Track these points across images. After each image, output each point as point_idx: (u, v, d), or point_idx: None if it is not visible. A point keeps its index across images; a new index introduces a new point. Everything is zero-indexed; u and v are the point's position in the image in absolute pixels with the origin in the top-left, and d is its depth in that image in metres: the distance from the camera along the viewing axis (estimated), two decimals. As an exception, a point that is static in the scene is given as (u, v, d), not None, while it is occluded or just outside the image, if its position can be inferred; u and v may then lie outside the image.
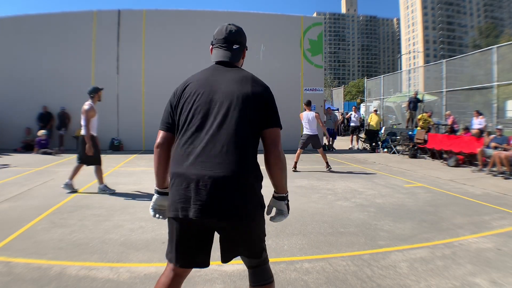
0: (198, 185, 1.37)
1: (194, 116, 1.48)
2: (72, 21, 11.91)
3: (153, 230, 3.52)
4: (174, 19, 12.38)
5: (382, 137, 12.92)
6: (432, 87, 13.73)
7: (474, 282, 2.44)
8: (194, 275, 2.52)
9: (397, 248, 3.10)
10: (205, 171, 1.38)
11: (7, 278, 2.42)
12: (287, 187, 1.59)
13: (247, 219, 1.45)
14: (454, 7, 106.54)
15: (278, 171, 1.50)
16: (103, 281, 2.41)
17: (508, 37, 42.07)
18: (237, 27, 1.70)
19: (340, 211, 4.37)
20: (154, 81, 12.03)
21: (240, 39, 1.69)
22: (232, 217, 1.41)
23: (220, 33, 1.66)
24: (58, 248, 2.99)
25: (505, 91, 9.99)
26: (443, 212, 4.36)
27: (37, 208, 4.26)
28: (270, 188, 1.65)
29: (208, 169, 1.37)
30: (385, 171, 7.77)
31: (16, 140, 11.19)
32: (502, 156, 7.07)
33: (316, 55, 12.98)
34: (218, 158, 1.38)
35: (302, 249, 3.08)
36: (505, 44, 10.66)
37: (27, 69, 11.62)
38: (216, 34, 1.69)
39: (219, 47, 1.67)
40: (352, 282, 2.44)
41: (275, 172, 1.51)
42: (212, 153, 1.39)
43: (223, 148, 1.39)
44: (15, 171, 7.00)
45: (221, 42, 1.66)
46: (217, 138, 1.41)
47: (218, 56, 1.66)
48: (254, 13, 13.09)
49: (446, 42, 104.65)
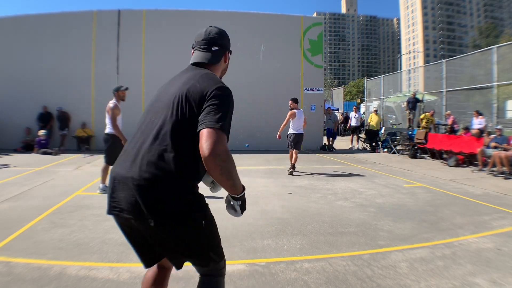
0: (114, 183, 1.37)
1: (141, 118, 1.49)
2: (72, 21, 11.91)
3: (153, 230, 3.52)
4: (174, 19, 12.38)
5: (382, 137, 12.92)
6: (432, 87, 13.72)
7: (474, 282, 2.44)
8: (194, 275, 2.52)
9: (397, 248, 3.10)
10: (122, 170, 1.36)
11: (7, 278, 2.42)
12: (239, 188, 1.46)
13: (167, 220, 1.32)
14: (454, 7, 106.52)
15: (217, 176, 1.33)
16: (103, 281, 2.41)
17: (508, 37, 42.06)
18: (219, 29, 1.66)
19: (340, 211, 4.37)
20: (154, 81, 11.99)
21: (221, 41, 1.65)
22: (141, 216, 1.30)
23: (200, 35, 1.63)
24: (58, 248, 2.99)
25: (505, 91, 9.99)
26: (443, 212, 4.36)
27: (37, 208, 4.25)
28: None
29: (124, 169, 1.35)
30: (385, 171, 7.77)
31: (16, 140, 11.19)
32: (502, 156, 7.07)
33: (316, 55, 12.98)
34: (134, 157, 1.35)
35: (302, 249, 3.08)
36: (505, 44, 10.66)
37: (27, 69, 11.61)
38: (196, 37, 1.64)
39: (197, 49, 1.62)
40: (352, 282, 2.44)
41: (214, 178, 1.36)
42: (132, 153, 1.37)
43: (143, 148, 1.35)
44: (15, 171, 7.00)
45: (200, 44, 1.62)
46: (143, 139, 1.38)
47: (194, 57, 1.61)
48: (254, 13, 13.09)
49: (446, 42, 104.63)
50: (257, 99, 12.43)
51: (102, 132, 13.00)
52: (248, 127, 12.40)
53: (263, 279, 2.47)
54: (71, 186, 5.60)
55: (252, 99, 12.39)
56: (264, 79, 12.51)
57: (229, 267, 2.66)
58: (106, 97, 11.92)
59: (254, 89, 12.45)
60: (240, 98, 13.61)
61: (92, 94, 11.89)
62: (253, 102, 12.38)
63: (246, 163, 8.90)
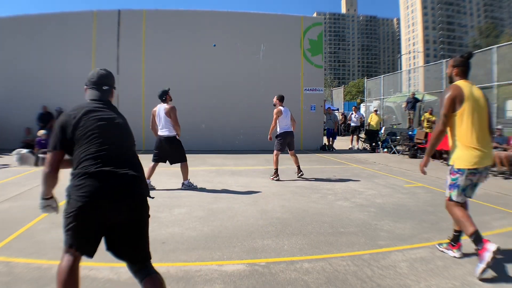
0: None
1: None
2: (72, 21, 11.91)
3: (153, 230, 3.51)
4: (174, 19, 12.38)
5: (382, 137, 12.92)
6: (432, 87, 13.73)
7: (474, 282, 2.45)
8: (194, 275, 2.52)
9: (397, 248, 3.11)
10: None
11: (7, 278, 2.42)
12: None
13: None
14: (454, 7, 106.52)
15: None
16: (103, 281, 2.41)
17: (508, 37, 42.09)
18: (107, 71, 2.05)
19: (340, 211, 4.37)
20: (154, 81, 12.02)
21: (110, 82, 2.04)
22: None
23: (92, 76, 2.01)
24: (58, 248, 2.97)
25: (505, 91, 9.99)
26: (443, 212, 4.34)
27: (37, 208, 4.22)
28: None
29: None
30: (385, 171, 7.77)
31: (16, 140, 11.17)
32: (502, 156, 7.07)
33: (316, 55, 12.98)
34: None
35: (302, 249, 3.08)
36: (505, 44, 10.65)
37: (27, 69, 11.62)
38: (89, 77, 2.01)
39: (91, 88, 2.00)
40: (352, 282, 2.44)
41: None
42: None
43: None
44: (15, 171, 7.00)
45: (93, 84, 2.00)
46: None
47: (91, 95, 2.00)
48: (254, 13, 13.09)
49: (446, 42, 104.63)
50: (257, 99, 12.42)
51: (102, 132, 12.62)
52: (248, 127, 12.41)
53: (263, 279, 2.47)
54: (71, 186, 5.59)
55: (252, 99, 12.40)
56: (264, 79, 12.51)
57: (229, 267, 2.67)
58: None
59: (254, 89, 12.45)
60: (240, 98, 13.67)
61: (92, 94, 11.89)
62: (253, 102, 12.38)
63: (246, 163, 8.91)
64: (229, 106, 12.09)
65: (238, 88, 12.33)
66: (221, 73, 12.15)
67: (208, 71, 11.95)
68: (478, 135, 2.72)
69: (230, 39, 12.40)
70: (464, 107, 2.75)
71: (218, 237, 3.35)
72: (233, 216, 4.04)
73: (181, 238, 3.31)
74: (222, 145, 11.88)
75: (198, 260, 2.80)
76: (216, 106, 12.07)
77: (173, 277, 2.48)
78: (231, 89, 12.18)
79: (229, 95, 12.04)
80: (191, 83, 11.88)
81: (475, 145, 2.71)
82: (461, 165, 2.76)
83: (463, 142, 2.76)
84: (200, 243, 3.17)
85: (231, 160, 9.36)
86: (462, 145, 2.77)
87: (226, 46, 12.38)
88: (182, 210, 4.29)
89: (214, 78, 11.66)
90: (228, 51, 12.40)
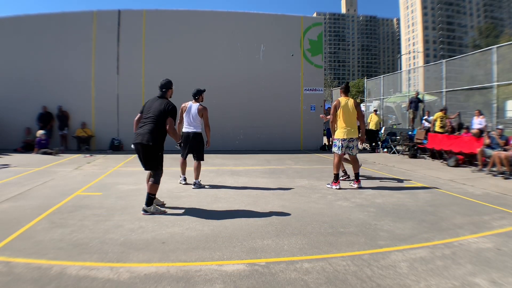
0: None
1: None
2: (72, 21, 11.92)
3: (153, 230, 3.52)
4: (174, 19, 12.38)
5: (382, 137, 12.92)
6: (432, 87, 13.71)
7: (474, 282, 2.45)
8: (194, 275, 2.53)
9: (397, 248, 3.11)
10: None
11: (7, 278, 2.42)
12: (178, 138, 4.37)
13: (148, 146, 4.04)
14: (454, 7, 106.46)
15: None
16: (103, 281, 2.41)
17: (508, 37, 42.08)
18: (166, 80, 4.43)
19: (340, 211, 4.38)
20: (154, 81, 11.97)
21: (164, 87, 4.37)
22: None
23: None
24: (58, 248, 2.99)
25: (505, 91, 9.97)
26: (443, 212, 4.36)
27: (37, 208, 4.26)
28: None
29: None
30: (385, 171, 7.77)
31: (16, 140, 11.19)
32: (502, 156, 7.07)
33: (316, 55, 12.99)
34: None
35: (302, 249, 3.08)
36: (505, 44, 10.63)
37: (27, 69, 11.62)
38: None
39: (159, 89, 4.34)
40: (352, 282, 2.44)
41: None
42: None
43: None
44: (15, 171, 7.00)
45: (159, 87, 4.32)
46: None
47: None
48: (254, 13, 13.09)
49: (446, 42, 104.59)
50: (256, 99, 12.44)
51: (102, 132, 13.01)
52: (248, 127, 12.41)
53: (263, 279, 2.47)
54: (71, 186, 5.60)
55: (252, 99, 12.40)
56: (264, 79, 12.51)
57: (229, 267, 2.67)
58: (106, 97, 12.06)
59: (254, 89, 12.45)
60: (240, 98, 13.65)
61: (92, 94, 11.90)
62: (252, 102, 12.39)
63: (246, 163, 8.91)
64: (229, 106, 12.09)
65: (238, 88, 12.32)
66: (221, 73, 12.15)
67: (208, 71, 11.94)
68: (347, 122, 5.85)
69: (230, 39, 12.40)
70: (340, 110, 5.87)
71: (218, 237, 3.35)
72: (233, 216, 4.04)
73: (181, 238, 3.31)
74: (222, 145, 11.88)
75: (198, 260, 2.81)
76: (216, 106, 12.02)
77: (173, 277, 2.48)
78: (231, 89, 12.17)
79: (229, 95, 12.03)
80: (191, 83, 11.83)
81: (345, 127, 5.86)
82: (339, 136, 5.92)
83: (340, 126, 5.90)
84: (200, 243, 3.17)
85: (231, 160, 9.36)
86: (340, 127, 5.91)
87: (226, 46, 12.38)
88: (182, 210, 4.29)
89: (214, 78, 11.64)
90: (228, 51, 12.40)
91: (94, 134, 11.85)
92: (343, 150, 5.89)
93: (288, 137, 12.62)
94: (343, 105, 5.83)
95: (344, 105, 5.83)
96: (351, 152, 5.97)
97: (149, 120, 4.10)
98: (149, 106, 4.23)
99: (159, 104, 4.15)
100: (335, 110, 5.89)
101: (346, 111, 5.82)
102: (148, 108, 4.21)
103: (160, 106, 4.12)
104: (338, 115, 5.86)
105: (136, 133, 4.13)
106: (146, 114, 4.18)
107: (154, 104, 4.22)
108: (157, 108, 4.12)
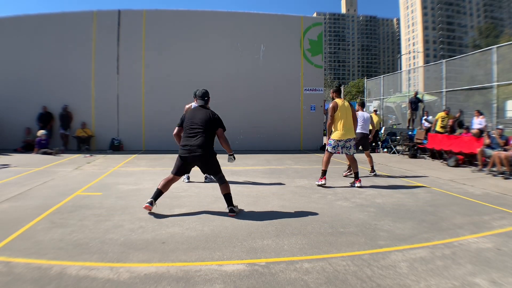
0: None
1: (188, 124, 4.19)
2: (72, 21, 11.92)
3: (153, 230, 3.52)
4: (174, 19, 12.39)
5: (382, 137, 12.92)
6: (432, 87, 13.72)
7: (474, 282, 2.45)
8: (194, 275, 2.53)
9: (397, 248, 3.11)
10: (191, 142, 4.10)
11: (7, 278, 2.42)
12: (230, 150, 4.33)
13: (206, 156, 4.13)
14: (454, 7, 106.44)
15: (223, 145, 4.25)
16: (103, 281, 2.41)
17: (508, 37, 42.08)
18: (204, 90, 4.43)
19: (340, 211, 4.38)
20: (154, 81, 12.04)
21: (206, 96, 4.42)
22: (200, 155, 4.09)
23: (198, 93, 4.39)
24: (58, 248, 2.99)
25: (505, 91, 9.98)
26: (443, 212, 4.36)
27: (37, 208, 4.26)
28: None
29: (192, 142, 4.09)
30: (385, 171, 7.77)
31: (16, 140, 11.19)
32: (502, 156, 7.07)
33: (316, 55, 12.99)
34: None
35: (302, 249, 3.08)
36: (505, 44, 10.64)
37: (27, 69, 11.63)
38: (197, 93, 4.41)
39: (198, 98, 4.43)
40: (352, 282, 2.45)
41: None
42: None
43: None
44: (15, 171, 7.00)
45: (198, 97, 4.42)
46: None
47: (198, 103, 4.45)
48: (254, 13, 13.09)
49: (446, 42, 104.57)
50: (257, 99, 12.44)
51: (102, 132, 13.01)
52: (248, 127, 12.41)
53: (263, 279, 2.47)
54: (71, 186, 5.60)
55: (252, 99, 12.40)
56: (264, 79, 12.52)
57: (229, 267, 2.67)
58: (106, 97, 12.07)
59: (254, 89, 12.46)
60: (240, 98, 13.65)
61: (92, 94, 11.90)
62: (253, 102, 12.39)
63: (246, 163, 8.91)
64: (229, 106, 12.07)
65: (238, 88, 12.32)
66: (221, 73, 12.15)
67: (208, 71, 11.95)
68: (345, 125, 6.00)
69: (230, 39, 12.40)
70: (338, 111, 6.00)
71: (218, 237, 3.35)
72: (233, 216, 4.04)
73: (181, 238, 3.31)
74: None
75: (198, 260, 2.81)
76: (216, 106, 11.99)
77: (173, 277, 2.49)
78: (231, 89, 12.17)
79: (229, 95, 12.03)
80: (191, 83, 11.86)
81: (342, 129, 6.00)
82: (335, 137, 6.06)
83: (338, 128, 6.03)
84: (200, 243, 3.17)
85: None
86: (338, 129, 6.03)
87: (226, 46, 12.38)
88: (182, 210, 4.29)
89: (214, 78, 11.65)
90: (228, 51, 12.40)
91: (94, 134, 11.85)
92: (338, 149, 6.06)
93: (288, 137, 12.62)
94: (340, 106, 5.97)
95: (342, 107, 5.98)
96: (349, 152, 6.09)
97: (199, 131, 4.08)
98: (192, 117, 4.18)
99: (204, 115, 4.15)
100: (334, 111, 5.97)
101: (344, 113, 5.97)
102: (191, 120, 4.15)
103: (206, 117, 4.13)
104: (336, 116, 5.97)
105: (185, 145, 4.07)
106: (191, 125, 4.12)
107: (198, 115, 4.19)
108: (203, 119, 4.12)
